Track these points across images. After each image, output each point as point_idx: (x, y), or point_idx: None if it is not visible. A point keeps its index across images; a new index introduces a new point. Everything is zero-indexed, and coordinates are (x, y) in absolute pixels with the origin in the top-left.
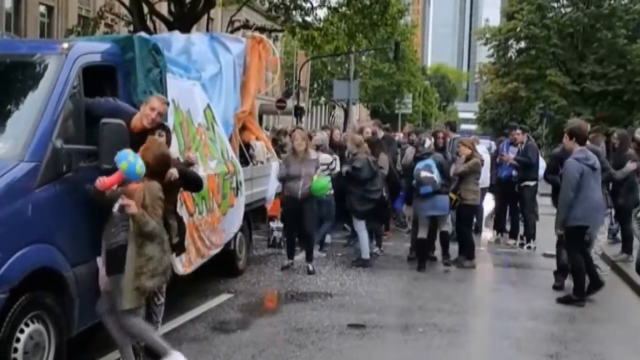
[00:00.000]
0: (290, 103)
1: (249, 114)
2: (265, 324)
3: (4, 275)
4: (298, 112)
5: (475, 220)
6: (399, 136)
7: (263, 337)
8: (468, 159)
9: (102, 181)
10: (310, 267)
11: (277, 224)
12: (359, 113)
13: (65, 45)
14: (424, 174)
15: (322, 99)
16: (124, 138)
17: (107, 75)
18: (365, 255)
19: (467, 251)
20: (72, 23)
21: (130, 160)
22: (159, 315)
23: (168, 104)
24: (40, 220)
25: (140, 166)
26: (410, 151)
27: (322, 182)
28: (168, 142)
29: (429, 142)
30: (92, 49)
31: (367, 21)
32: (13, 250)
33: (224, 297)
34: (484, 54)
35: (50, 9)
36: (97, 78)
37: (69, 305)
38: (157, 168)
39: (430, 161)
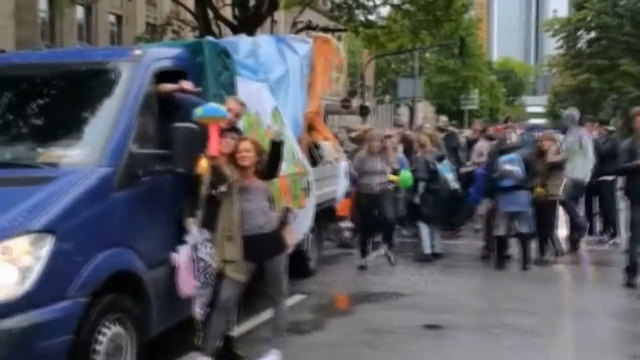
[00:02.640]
0: (355, 102)
1: (316, 115)
2: (338, 325)
3: (85, 279)
4: (363, 111)
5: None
6: (467, 133)
7: (336, 337)
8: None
9: (210, 150)
10: (392, 258)
11: (346, 224)
12: (425, 110)
13: (138, 51)
14: (507, 166)
15: (387, 97)
16: (196, 141)
17: (178, 80)
18: (427, 250)
19: (553, 248)
20: (140, 31)
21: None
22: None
23: (244, 105)
24: (119, 224)
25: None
26: (483, 146)
27: (407, 174)
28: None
29: (515, 137)
30: (163, 55)
31: (431, 17)
32: (94, 254)
33: (296, 298)
34: (552, 46)
35: (119, 18)
36: (169, 82)
37: (147, 307)
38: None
39: (514, 156)
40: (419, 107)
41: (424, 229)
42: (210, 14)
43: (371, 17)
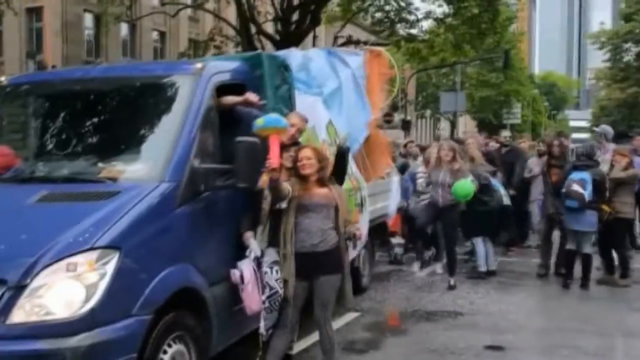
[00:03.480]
0: (397, 117)
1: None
2: (396, 344)
3: (149, 297)
4: (406, 125)
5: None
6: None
7: (396, 358)
8: (625, 168)
9: (270, 162)
10: (452, 282)
11: (397, 240)
12: (466, 125)
13: (199, 65)
14: (575, 187)
15: (428, 111)
16: (259, 156)
17: (238, 93)
18: (482, 267)
19: (622, 269)
20: (183, 47)
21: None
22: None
23: (307, 120)
24: (181, 240)
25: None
26: (534, 162)
27: (466, 185)
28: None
29: (598, 153)
30: (223, 68)
31: (475, 31)
32: (157, 271)
33: (351, 316)
34: (596, 59)
35: (162, 34)
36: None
37: (208, 325)
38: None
39: (586, 175)
40: (460, 121)
41: (480, 245)
42: (253, 29)
43: (413, 31)
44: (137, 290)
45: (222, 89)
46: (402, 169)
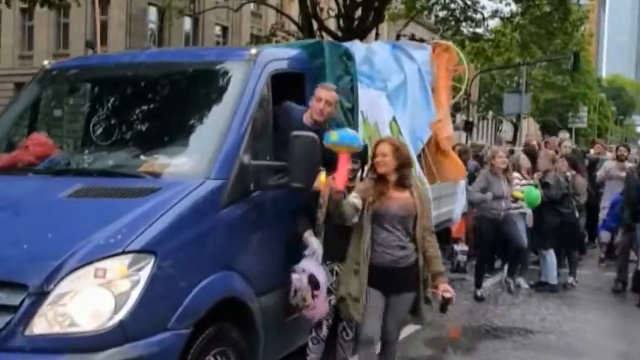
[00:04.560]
0: (459, 117)
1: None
2: None
3: (187, 308)
4: (468, 126)
5: None
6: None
7: None
8: None
9: (335, 182)
10: (523, 283)
11: (461, 247)
12: (528, 127)
13: (254, 51)
14: None
15: (490, 113)
16: (316, 153)
17: (295, 84)
18: (553, 280)
19: None
20: (245, 41)
21: (336, 132)
22: (347, 352)
23: (337, 91)
24: (226, 244)
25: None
26: (614, 166)
27: (535, 193)
28: (361, 171)
29: None
30: (280, 55)
31: (543, 31)
32: (198, 278)
33: (411, 329)
34: None
35: (224, 29)
36: (285, 86)
37: (254, 339)
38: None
39: None
40: (523, 124)
41: (551, 256)
42: (315, 25)
43: (479, 30)
44: (175, 301)
45: (279, 78)
46: (473, 173)
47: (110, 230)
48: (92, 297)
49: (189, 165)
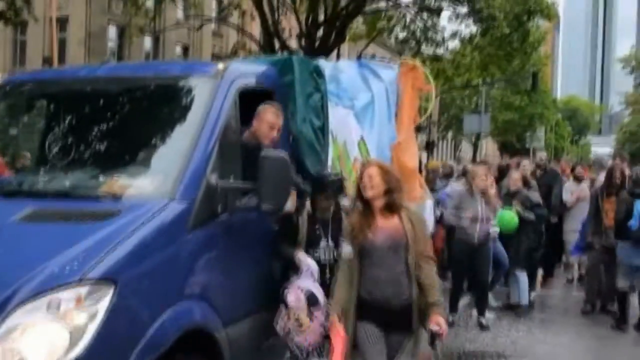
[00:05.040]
0: (420, 138)
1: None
2: None
3: (150, 342)
4: (429, 146)
5: None
6: None
7: None
8: None
9: None
10: (484, 322)
11: None
12: (487, 147)
13: (221, 65)
14: None
15: (450, 133)
16: (287, 173)
17: (264, 101)
18: (525, 301)
19: None
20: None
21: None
22: None
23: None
24: (192, 270)
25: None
26: (572, 187)
27: (510, 215)
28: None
29: None
30: (248, 71)
31: (502, 52)
32: (162, 308)
33: None
34: (622, 84)
35: (186, 48)
36: (252, 104)
37: None
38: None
39: None
40: (482, 143)
41: (524, 277)
42: (277, 44)
43: (439, 51)
44: (136, 334)
45: (247, 95)
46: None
47: (66, 258)
48: (44, 331)
49: (152, 187)
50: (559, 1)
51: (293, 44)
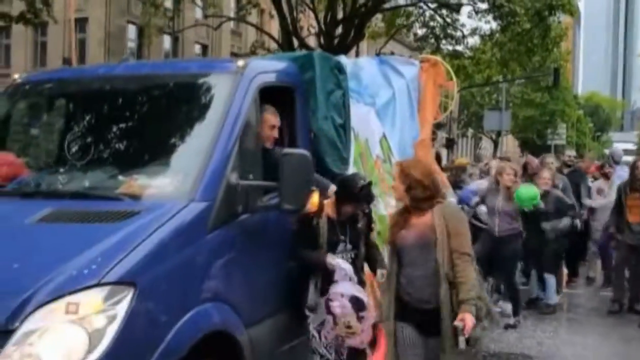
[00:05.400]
0: (440, 135)
1: (428, 143)
2: None
3: (170, 345)
4: (449, 143)
5: None
6: None
7: None
8: None
9: None
10: (512, 321)
11: None
12: (507, 144)
13: (241, 62)
14: None
15: (470, 130)
16: (308, 172)
17: (284, 98)
18: (553, 301)
19: None
20: None
21: None
22: None
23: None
24: (213, 272)
25: None
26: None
27: (531, 191)
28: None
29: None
30: (269, 68)
31: (522, 48)
32: (182, 310)
33: None
34: None
35: (205, 47)
36: (273, 101)
37: None
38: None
39: None
40: (503, 140)
41: (551, 278)
42: (295, 42)
43: (459, 48)
44: (156, 337)
45: (267, 92)
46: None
47: (84, 260)
48: (63, 335)
49: (172, 187)
50: None
51: (312, 42)
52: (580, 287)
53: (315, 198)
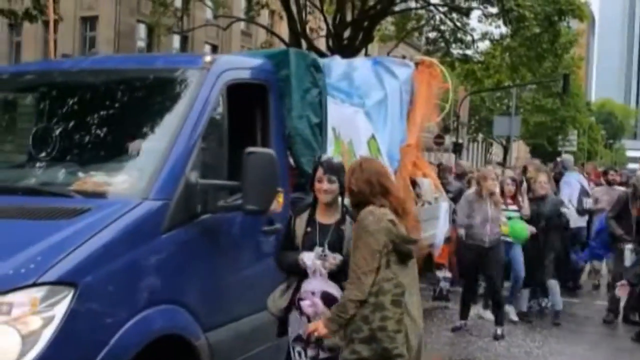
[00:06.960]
0: (448, 139)
1: (415, 148)
2: None
3: (114, 350)
4: (457, 148)
5: None
6: None
7: None
8: None
9: None
10: (499, 331)
11: (444, 274)
12: (518, 150)
13: (209, 58)
14: None
15: (480, 135)
16: (273, 172)
17: (257, 96)
18: (559, 306)
19: None
20: None
21: None
22: None
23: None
24: (167, 274)
25: None
26: (602, 192)
27: (520, 226)
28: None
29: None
30: (239, 64)
31: (533, 53)
32: (129, 314)
33: None
34: None
35: (214, 47)
36: (245, 99)
37: None
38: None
39: None
40: (513, 146)
41: (554, 284)
42: (304, 44)
43: (469, 52)
44: (98, 340)
45: (237, 89)
46: (458, 195)
47: (22, 258)
48: None
49: (126, 184)
50: (595, 2)
51: (321, 44)
52: (579, 295)
53: (280, 199)
